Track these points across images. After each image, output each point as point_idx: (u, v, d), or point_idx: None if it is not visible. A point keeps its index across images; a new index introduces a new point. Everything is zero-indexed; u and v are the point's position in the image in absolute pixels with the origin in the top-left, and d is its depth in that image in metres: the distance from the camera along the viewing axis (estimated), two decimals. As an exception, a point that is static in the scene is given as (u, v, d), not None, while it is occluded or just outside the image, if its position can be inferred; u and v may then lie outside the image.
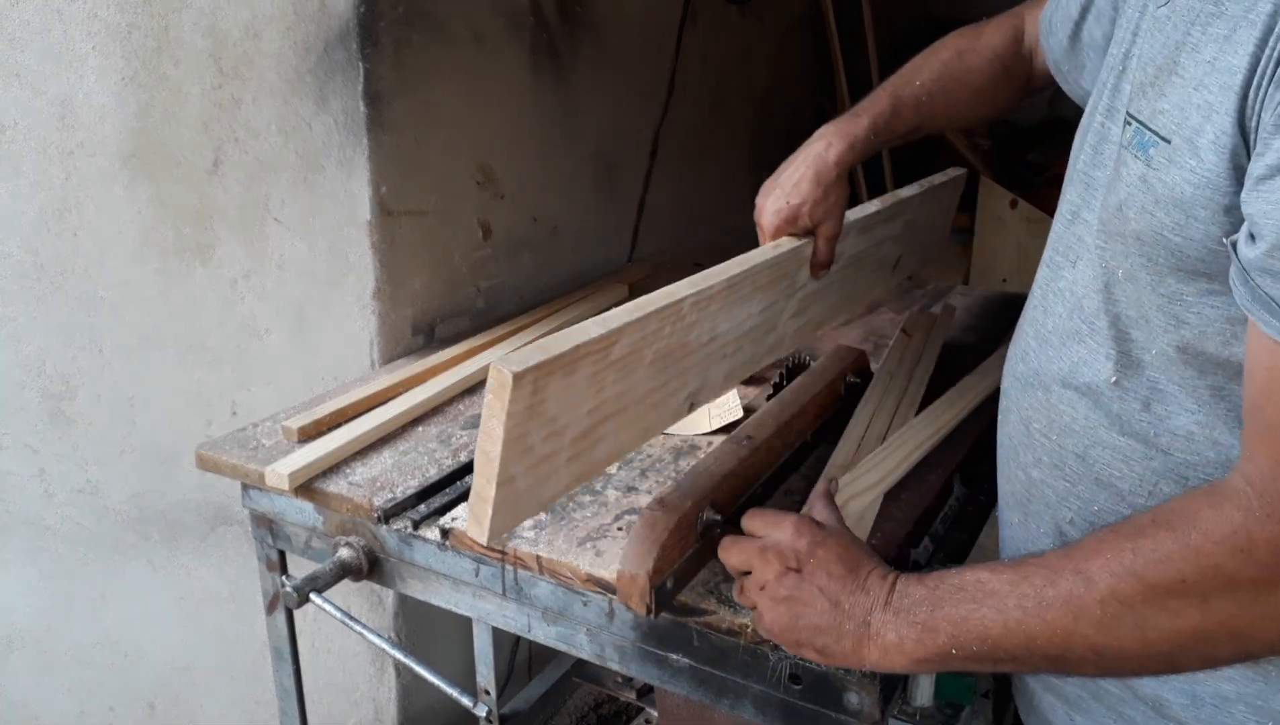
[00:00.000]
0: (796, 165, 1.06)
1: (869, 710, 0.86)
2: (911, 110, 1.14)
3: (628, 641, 0.98)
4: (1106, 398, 0.75)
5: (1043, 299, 0.84)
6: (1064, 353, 0.79)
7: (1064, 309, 0.80)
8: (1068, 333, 0.79)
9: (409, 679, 1.66)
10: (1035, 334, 0.84)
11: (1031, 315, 0.86)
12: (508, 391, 0.70)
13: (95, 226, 1.48)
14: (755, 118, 2.75)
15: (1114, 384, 0.74)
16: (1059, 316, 0.80)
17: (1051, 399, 0.81)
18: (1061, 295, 0.80)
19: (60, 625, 1.68)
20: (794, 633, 0.77)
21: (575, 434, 0.80)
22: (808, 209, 1.03)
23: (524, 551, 1.00)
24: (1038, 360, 0.83)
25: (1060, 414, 0.80)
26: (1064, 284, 0.80)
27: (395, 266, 1.51)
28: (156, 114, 1.44)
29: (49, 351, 1.53)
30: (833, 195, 1.05)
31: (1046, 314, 0.83)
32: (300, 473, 1.13)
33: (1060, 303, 0.80)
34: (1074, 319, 0.78)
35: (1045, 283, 0.84)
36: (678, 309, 0.87)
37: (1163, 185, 0.66)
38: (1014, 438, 0.87)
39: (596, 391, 0.80)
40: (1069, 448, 0.79)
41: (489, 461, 0.72)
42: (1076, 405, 0.78)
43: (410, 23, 1.47)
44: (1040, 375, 0.82)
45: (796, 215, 1.04)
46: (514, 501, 0.75)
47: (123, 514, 1.62)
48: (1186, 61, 0.65)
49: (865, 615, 0.74)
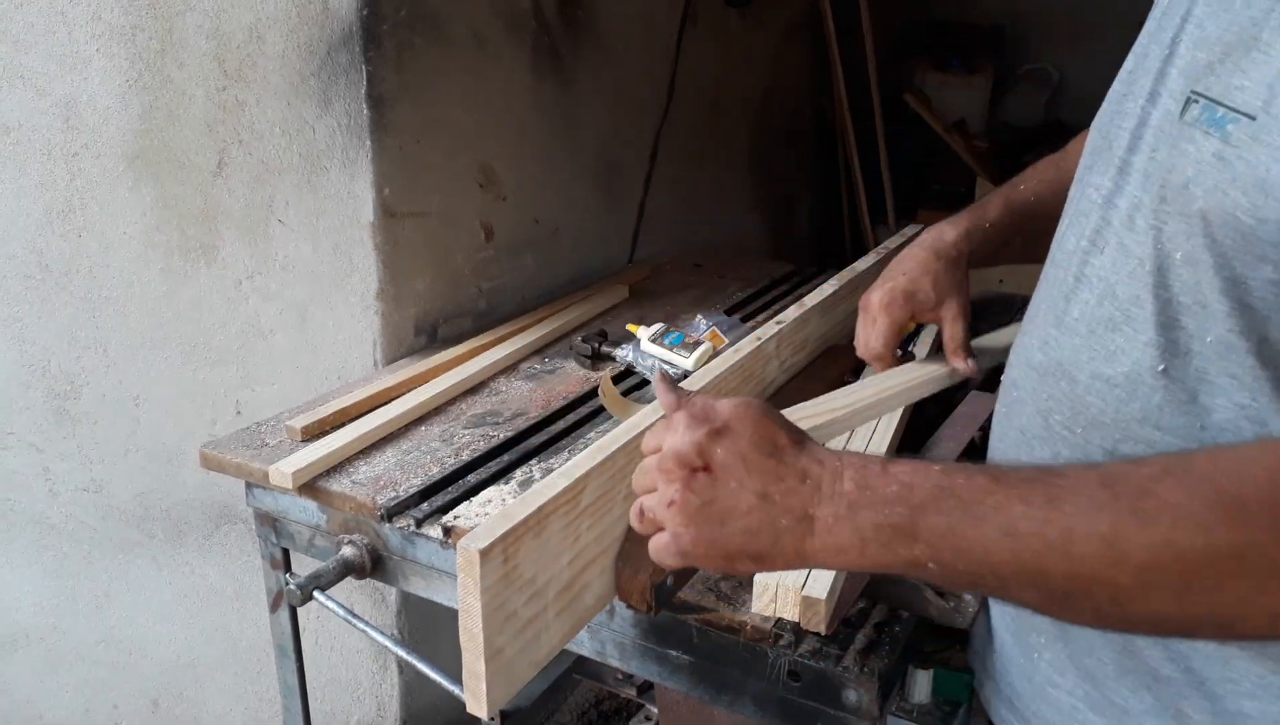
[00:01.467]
0: (905, 254, 1.01)
1: (867, 707, 0.87)
2: (1020, 211, 1.08)
3: (628, 638, 0.99)
4: (1148, 388, 0.70)
5: (1063, 285, 0.79)
6: (1094, 341, 0.74)
7: (1093, 296, 0.75)
8: (1099, 320, 0.74)
9: (411, 676, 1.67)
10: (1056, 322, 0.79)
11: (1049, 303, 0.81)
12: (477, 568, 0.70)
13: (100, 227, 1.49)
14: (755, 120, 2.76)
15: (1161, 373, 0.69)
16: (1087, 303, 0.75)
17: (1078, 390, 0.76)
18: (1089, 282, 0.76)
19: (65, 623, 1.69)
20: (721, 544, 0.64)
21: (558, 588, 0.79)
22: (929, 281, 0.98)
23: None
24: (1059, 349, 0.78)
25: (1088, 407, 0.75)
26: (1091, 270, 0.76)
27: (398, 267, 1.52)
28: (161, 116, 1.45)
29: (54, 351, 1.54)
30: (957, 272, 0.99)
31: (1070, 301, 0.77)
32: (304, 471, 1.14)
33: (1088, 289, 0.76)
34: (1105, 306, 0.73)
35: (1066, 268, 0.79)
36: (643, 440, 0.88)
37: (1243, 162, 0.63)
38: (1028, 431, 0.82)
39: (573, 541, 0.80)
40: (1095, 442, 0.75)
41: (473, 639, 0.71)
42: (1108, 397, 0.73)
43: (412, 26, 1.48)
44: (1064, 365, 0.77)
45: (914, 290, 0.98)
46: (507, 671, 0.75)
47: (127, 512, 1.63)
48: (1271, 38, 0.63)
49: (805, 508, 0.63)
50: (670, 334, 1.46)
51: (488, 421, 1.30)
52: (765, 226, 3.00)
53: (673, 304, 1.74)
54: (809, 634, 0.89)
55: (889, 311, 1.01)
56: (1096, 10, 3.56)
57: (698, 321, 1.53)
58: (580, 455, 0.83)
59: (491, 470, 1.17)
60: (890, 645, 0.90)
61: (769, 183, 2.93)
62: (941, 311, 0.99)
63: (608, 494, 0.84)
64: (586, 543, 0.83)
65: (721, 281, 1.90)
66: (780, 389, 1.22)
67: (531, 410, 1.33)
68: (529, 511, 0.75)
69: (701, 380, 1.01)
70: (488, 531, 0.71)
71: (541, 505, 0.76)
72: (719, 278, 1.93)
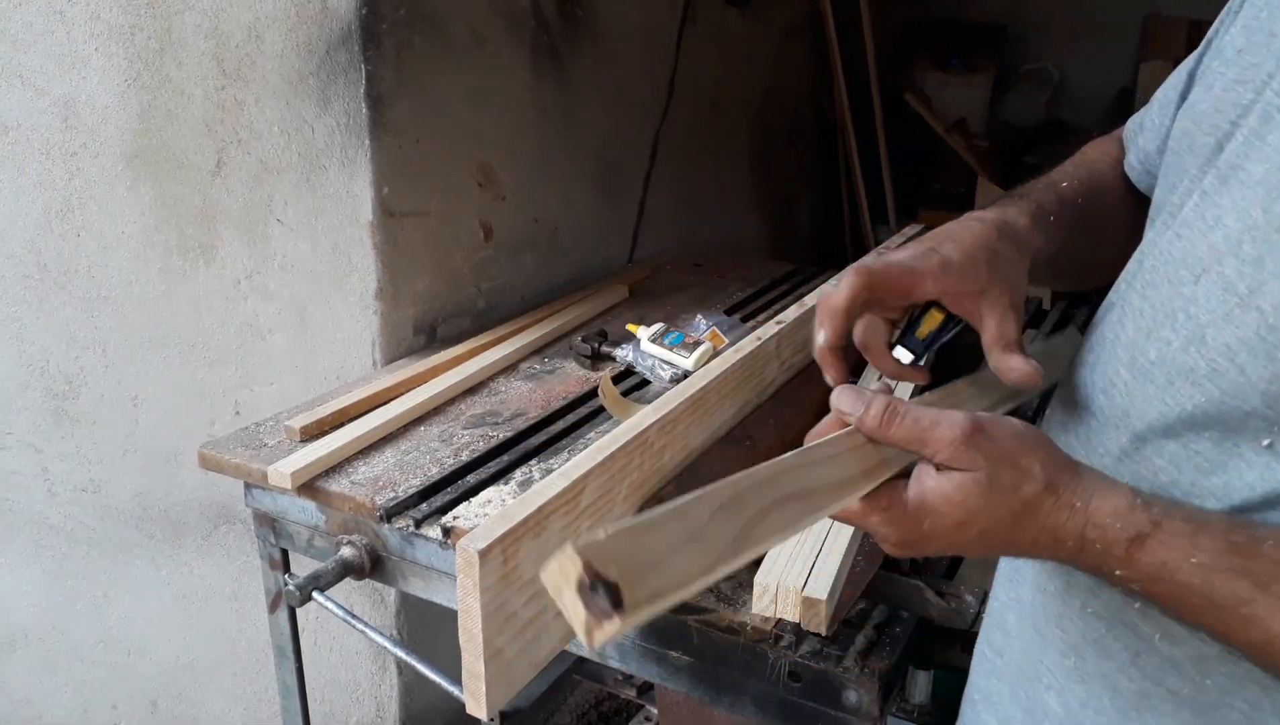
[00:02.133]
0: (952, 225, 0.74)
1: (867, 708, 0.87)
2: (1075, 210, 0.83)
3: (628, 639, 0.98)
4: (1243, 463, 0.58)
5: (1140, 315, 0.65)
6: (1170, 394, 0.61)
7: (1178, 338, 0.61)
8: (1180, 370, 0.61)
9: (411, 676, 1.67)
10: (1128, 361, 0.65)
11: (1126, 336, 0.66)
12: (476, 568, 0.69)
13: (99, 227, 1.49)
14: (755, 119, 2.76)
15: (1267, 448, 0.57)
16: (1169, 346, 0.62)
17: (1145, 452, 0.63)
18: (1173, 318, 0.62)
19: (64, 623, 1.69)
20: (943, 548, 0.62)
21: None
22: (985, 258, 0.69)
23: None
24: (1128, 398, 0.64)
25: (1156, 472, 0.62)
26: (1181, 303, 0.61)
27: (397, 267, 1.52)
28: (159, 115, 1.44)
29: (52, 351, 1.54)
30: (1021, 262, 0.71)
31: (1151, 339, 0.63)
32: (303, 472, 1.13)
33: (1171, 328, 0.62)
34: (1191, 353, 0.60)
35: (1151, 298, 0.65)
36: (644, 439, 0.88)
37: None
38: None
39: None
40: None
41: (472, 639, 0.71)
42: (1183, 466, 0.61)
43: (412, 25, 1.48)
44: (1130, 417, 0.64)
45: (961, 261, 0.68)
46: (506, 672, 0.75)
47: (126, 513, 1.62)
48: None
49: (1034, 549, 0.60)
50: (670, 334, 1.46)
51: (487, 422, 1.30)
52: (765, 226, 2.99)
53: (673, 304, 1.74)
54: (809, 635, 0.89)
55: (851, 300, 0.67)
56: (1097, 10, 3.57)
57: (698, 321, 1.53)
58: (580, 455, 0.83)
59: (491, 470, 1.17)
60: (890, 646, 0.90)
61: (769, 182, 2.93)
62: (985, 301, 0.69)
63: (608, 494, 0.84)
64: None
65: (721, 281, 1.90)
66: (780, 389, 1.21)
67: (531, 410, 1.33)
68: (529, 512, 0.74)
69: (701, 380, 1.01)
70: (487, 532, 0.71)
71: (541, 505, 0.76)
72: (719, 278, 1.93)
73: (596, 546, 0.45)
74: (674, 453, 0.94)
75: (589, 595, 0.45)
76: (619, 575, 0.45)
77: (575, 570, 0.45)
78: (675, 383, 1.36)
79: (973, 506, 0.58)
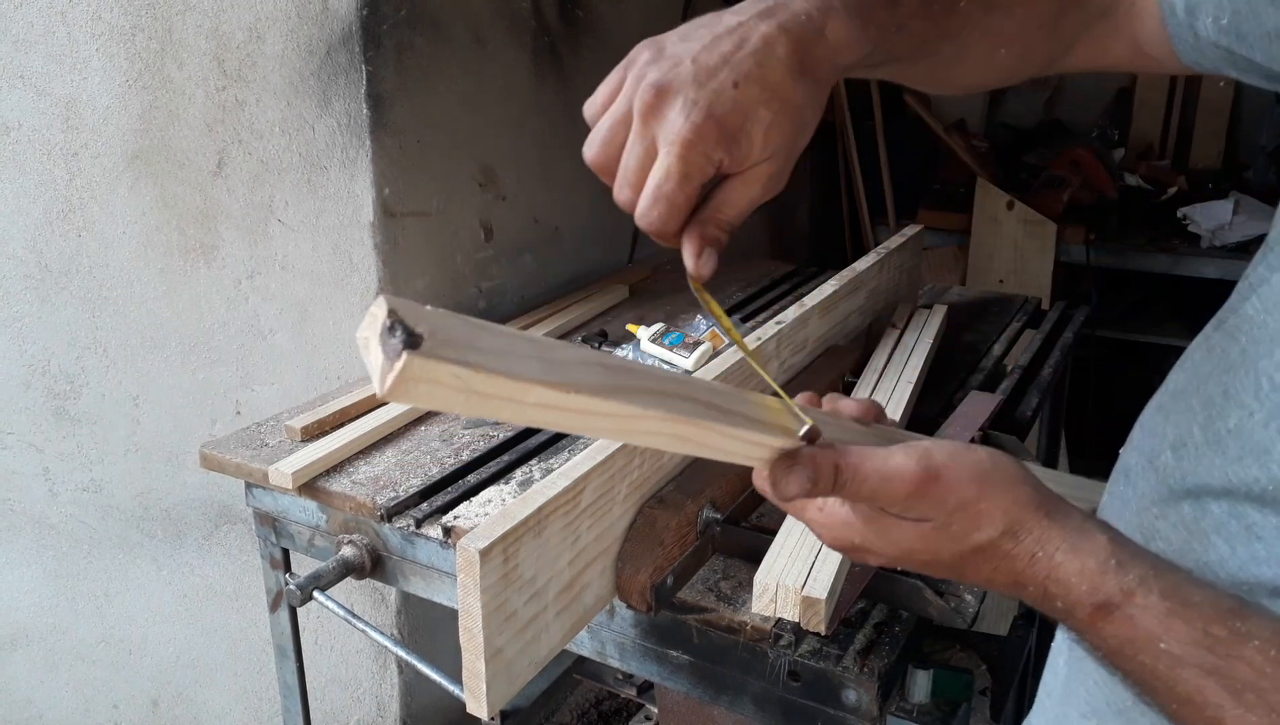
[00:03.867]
0: (743, 34, 0.56)
1: (867, 707, 0.87)
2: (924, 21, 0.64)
3: (628, 638, 0.99)
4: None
5: (1224, 368, 0.58)
6: (1239, 470, 0.54)
7: (1262, 410, 0.54)
8: (1254, 446, 0.54)
9: (411, 676, 1.67)
10: (1205, 428, 0.58)
11: (1206, 395, 0.59)
12: (477, 568, 0.69)
13: (100, 227, 1.49)
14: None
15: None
16: (1250, 417, 0.54)
17: (1203, 524, 0.57)
18: (1257, 383, 0.54)
19: (65, 622, 1.69)
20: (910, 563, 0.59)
21: (559, 588, 0.79)
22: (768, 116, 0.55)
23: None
24: (1196, 461, 0.58)
25: (1209, 547, 0.56)
26: (1269, 364, 0.54)
27: (398, 267, 1.52)
28: (160, 115, 1.45)
29: (54, 351, 1.54)
30: (816, 104, 0.58)
31: (1232, 402, 0.56)
32: (303, 472, 1.14)
33: (1253, 394, 0.54)
34: (1270, 430, 0.53)
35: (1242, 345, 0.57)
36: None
37: None
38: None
39: (573, 541, 0.80)
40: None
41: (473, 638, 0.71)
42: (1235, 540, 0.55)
43: (412, 25, 1.48)
44: (1190, 481, 0.58)
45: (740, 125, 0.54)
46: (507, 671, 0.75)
47: (127, 512, 1.63)
48: None
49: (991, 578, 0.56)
50: (670, 334, 1.46)
51: (487, 421, 1.30)
52: (765, 226, 3.00)
53: (673, 304, 1.74)
54: (809, 634, 0.89)
55: (692, 157, 0.54)
56: (1096, 10, 3.56)
57: (698, 321, 1.53)
58: (580, 455, 0.83)
59: (491, 470, 1.17)
60: (890, 645, 0.90)
61: (769, 182, 2.93)
62: (749, 172, 0.57)
63: (608, 494, 0.84)
64: (586, 543, 0.83)
65: (722, 281, 1.90)
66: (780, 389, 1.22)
67: (531, 410, 1.33)
68: (529, 511, 0.75)
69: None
70: (488, 531, 0.71)
71: (541, 505, 0.76)
72: (719, 278, 1.92)
73: (412, 306, 0.41)
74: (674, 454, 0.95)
75: (386, 338, 0.39)
76: (428, 331, 0.40)
77: (381, 316, 0.40)
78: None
79: (916, 548, 0.56)
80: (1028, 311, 1.77)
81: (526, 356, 0.44)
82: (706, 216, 0.59)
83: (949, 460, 0.54)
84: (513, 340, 0.45)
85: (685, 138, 0.54)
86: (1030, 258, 3.07)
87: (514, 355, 0.43)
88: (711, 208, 0.59)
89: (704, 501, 0.92)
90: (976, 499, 0.54)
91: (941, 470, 0.54)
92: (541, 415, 0.44)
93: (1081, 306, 1.82)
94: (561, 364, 0.45)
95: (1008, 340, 1.61)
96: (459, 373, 0.40)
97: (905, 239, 1.61)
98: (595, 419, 0.46)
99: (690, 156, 0.54)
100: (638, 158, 0.57)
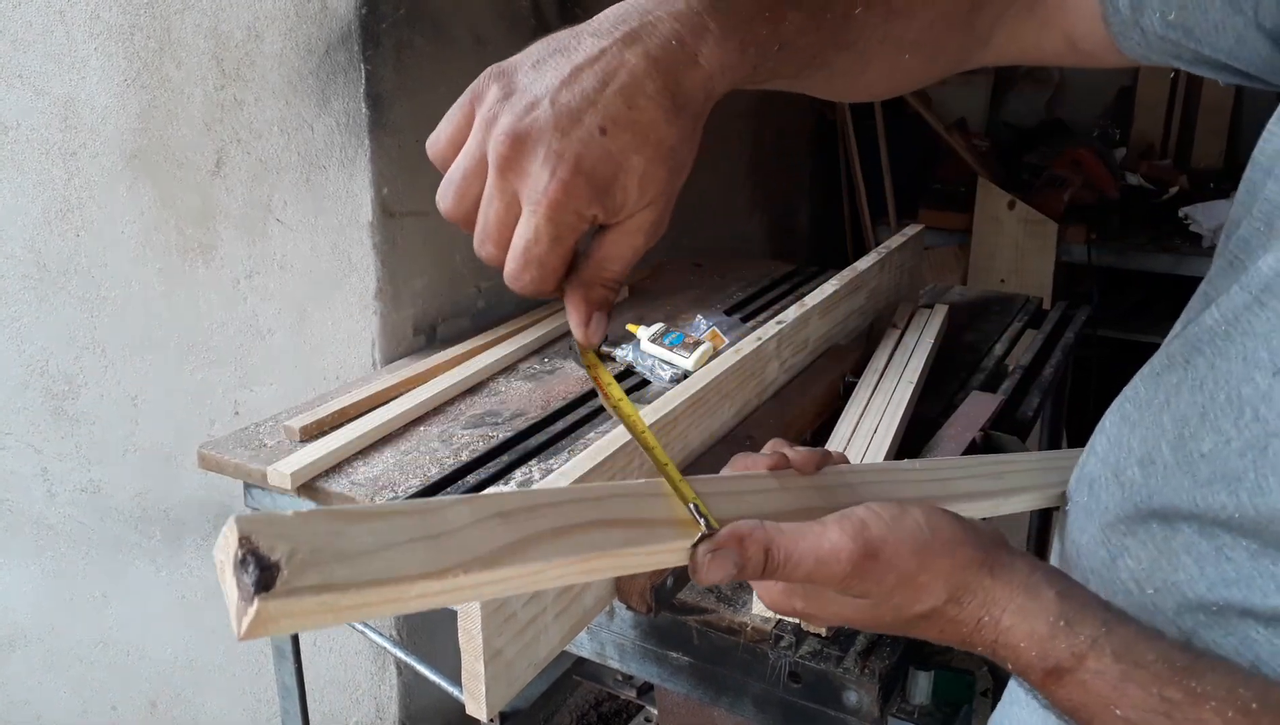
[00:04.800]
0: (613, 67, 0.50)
1: (868, 708, 0.87)
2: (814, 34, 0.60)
3: (628, 640, 0.98)
4: (1275, 581, 0.50)
5: (1201, 392, 0.55)
6: (1206, 496, 0.53)
7: (1239, 438, 0.51)
8: (1226, 473, 0.52)
9: (410, 677, 1.67)
10: (1176, 448, 0.56)
11: (1180, 409, 0.56)
12: None
13: (98, 226, 1.49)
14: (755, 119, 2.76)
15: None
16: (1227, 443, 0.52)
17: (1173, 544, 0.55)
18: (1241, 412, 0.52)
19: (63, 624, 1.69)
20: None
21: (558, 589, 0.78)
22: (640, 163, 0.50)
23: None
24: (1163, 482, 0.56)
25: (1173, 556, 0.55)
26: (1252, 392, 0.51)
27: (397, 267, 1.52)
28: (159, 115, 1.44)
29: (52, 351, 1.54)
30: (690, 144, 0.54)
31: (1207, 426, 0.54)
32: (302, 472, 1.13)
33: (1235, 424, 0.52)
34: (1245, 459, 0.51)
35: (1220, 372, 0.54)
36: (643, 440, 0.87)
37: None
38: (1085, 565, 0.62)
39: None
40: (1168, 610, 0.56)
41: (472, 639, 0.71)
42: (1206, 566, 0.53)
43: (412, 24, 1.48)
44: (1157, 501, 0.56)
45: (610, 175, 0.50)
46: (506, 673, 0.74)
47: (125, 513, 1.62)
48: None
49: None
50: (670, 334, 1.46)
51: (487, 422, 1.30)
52: (765, 226, 2.99)
53: (672, 304, 1.74)
54: (809, 635, 0.89)
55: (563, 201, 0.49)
56: (1097, 10, 3.56)
57: (698, 321, 1.53)
58: (580, 455, 0.82)
59: (491, 471, 1.16)
60: (891, 647, 0.90)
61: (769, 182, 2.93)
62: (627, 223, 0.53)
63: None
64: None
65: (721, 281, 1.90)
66: (780, 389, 1.21)
67: (531, 410, 1.33)
68: None
69: (701, 381, 1.01)
70: None
71: None
72: (719, 278, 1.92)
73: (264, 520, 0.38)
74: (674, 453, 0.94)
75: (239, 571, 0.36)
76: (286, 555, 0.37)
77: (233, 542, 0.37)
78: (675, 383, 1.35)
79: (860, 618, 0.55)
80: (1029, 311, 1.77)
81: (406, 543, 0.41)
82: (589, 277, 0.54)
83: (887, 533, 0.51)
84: (391, 524, 0.41)
85: (553, 197, 0.48)
86: (1031, 257, 3.06)
87: (391, 548, 0.40)
88: (593, 266, 0.53)
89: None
90: (917, 572, 0.51)
91: (880, 546, 0.51)
92: (430, 602, 0.42)
93: (1083, 306, 1.81)
94: (450, 536, 0.43)
95: (1009, 340, 1.60)
96: (323, 600, 0.37)
97: (906, 238, 1.60)
98: (492, 587, 0.44)
99: (560, 217, 0.49)
100: (498, 214, 0.50)
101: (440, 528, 0.43)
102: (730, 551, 0.50)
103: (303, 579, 0.37)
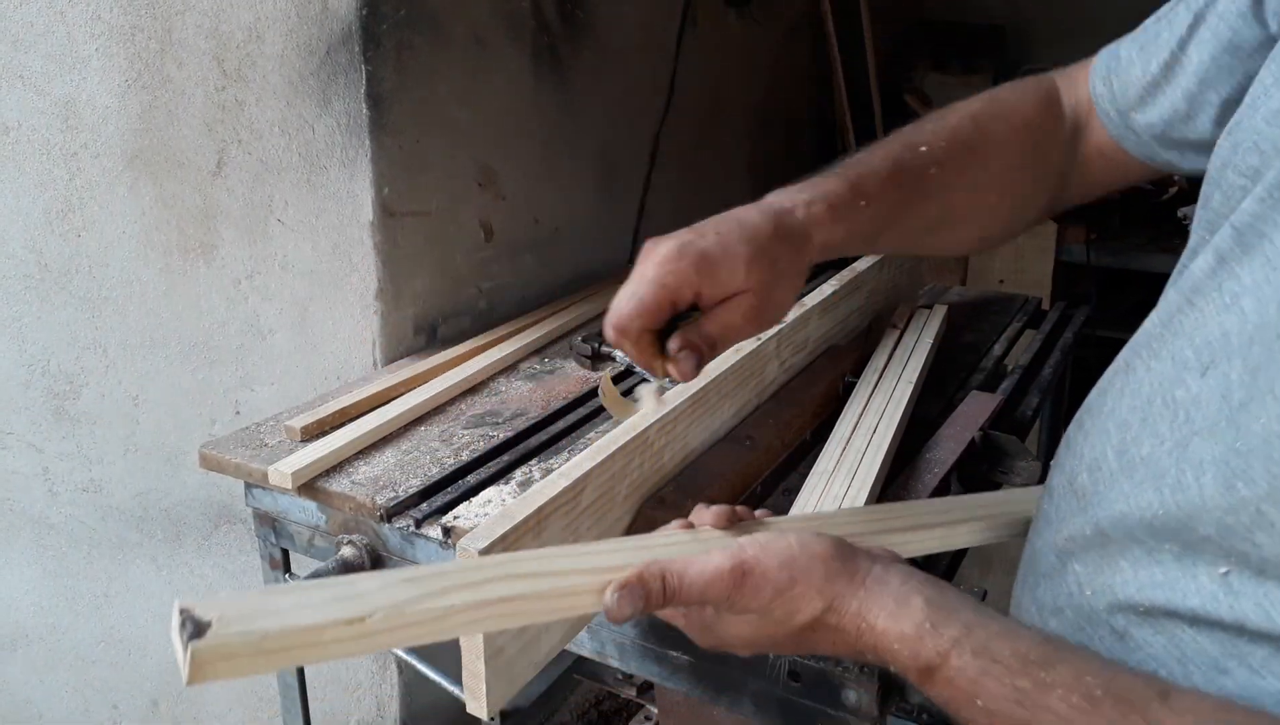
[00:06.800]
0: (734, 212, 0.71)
1: (867, 707, 0.87)
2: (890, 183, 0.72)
3: (628, 639, 0.99)
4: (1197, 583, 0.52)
5: (1139, 396, 0.58)
6: (1138, 496, 0.55)
7: (1172, 438, 0.54)
8: (1155, 473, 0.54)
9: (411, 676, 1.67)
10: (1118, 451, 0.58)
11: (1121, 414, 0.59)
12: None
13: (99, 226, 1.49)
14: (755, 120, 2.76)
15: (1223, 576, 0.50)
16: (1161, 444, 0.54)
17: (1110, 548, 0.57)
18: (1175, 414, 0.54)
19: (64, 623, 1.69)
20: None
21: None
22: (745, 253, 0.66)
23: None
24: (1109, 486, 0.58)
25: (1119, 570, 0.56)
26: (1185, 396, 0.53)
27: (397, 267, 1.52)
28: (160, 115, 1.44)
29: (53, 351, 1.54)
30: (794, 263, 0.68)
31: (1147, 430, 0.56)
32: (303, 472, 1.14)
33: (1170, 425, 0.54)
34: (1173, 457, 0.53)
35: (1157, 374, 0.56)
36: (644, 439, 0.88)
37: None
38: (1039, 571, 0.64)
39: (573, 541, 0.81)
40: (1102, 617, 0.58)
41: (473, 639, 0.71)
42: (1141, 573, 0.55)
43: (412, 25, 1.48)
44: (1099, 508, 0.58)
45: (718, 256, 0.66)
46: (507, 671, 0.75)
47: (126, 512, 1.62)
48: None
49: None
50: (670, 334, 1.46)
51: (487, 421, 1.30)
52: (765, 226, 2.99)
53: (672, 304, 1.74)
54: (809, 634, 0.89)
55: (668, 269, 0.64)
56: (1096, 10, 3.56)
57: (697, 321, 1.53)
58: (580, 455, 0.83)
59: (491, 470, 1.17)
60: (890, 645, 0.90)
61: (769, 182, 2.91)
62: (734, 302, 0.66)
63: (608, 494, 0.84)
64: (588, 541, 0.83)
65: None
66: (780, 389, 1.21)
67: (531, 410, 1.33)
68: (529, 511, 0.75)
69: (701, 380, 1.01)
70: (488, 531, 0.71)
71: (541, 505, 0.76)
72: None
73: (208, 601, 0.46)
74: (674, 453, 0.95)
75: (180, 634, 0.45)
76: (217, 616, 0.45)
77: (175, 617, 0.45)
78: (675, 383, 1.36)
79: (755, 637, 0.60)
80: (1028, 311, 1.77)
81: (322, 603, 0.48)
82: (689, 326, 0.67)
83: (759, 553, 0.58)
84: (310, 592, 0.49)
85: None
86: (1030, 257, 3.07)
87: (310, 606, 0.48)
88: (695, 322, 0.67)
89: (703, 502, 0.92)
90: (790, 584, 0.57)
91: (752, 564, 0.58)
92: (347, 648, 0.48)
93: (1082, 306, 1.82)
94: (361, 596, 0.50)
95: (1008, 340, 1.61)
96: (247, 640, 0.45)
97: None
98: (403, 632, 0.50)
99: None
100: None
101: (354, 591, 0.50)
102: (633, 587, 0.58)
103: (229, 628, 0.45)
